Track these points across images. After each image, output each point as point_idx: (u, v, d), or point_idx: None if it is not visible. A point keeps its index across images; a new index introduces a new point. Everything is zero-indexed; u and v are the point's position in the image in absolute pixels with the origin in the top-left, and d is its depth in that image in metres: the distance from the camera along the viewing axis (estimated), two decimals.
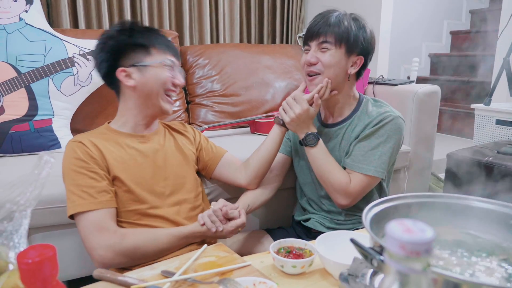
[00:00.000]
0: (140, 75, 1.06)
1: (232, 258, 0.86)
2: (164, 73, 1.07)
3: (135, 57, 1.06)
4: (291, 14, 2.80)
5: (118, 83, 1.08)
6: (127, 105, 1.10)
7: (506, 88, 2.00)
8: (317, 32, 1.14)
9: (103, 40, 1.08)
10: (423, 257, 0.29)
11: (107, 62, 1.07)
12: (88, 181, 0.98)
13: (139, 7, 2.36)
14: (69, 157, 1.00)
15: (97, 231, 0.96)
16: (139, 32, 1.08)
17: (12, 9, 1.70)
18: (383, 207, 0.67)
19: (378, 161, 1.13)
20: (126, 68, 1.05)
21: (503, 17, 2.12)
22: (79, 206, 0.97)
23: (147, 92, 1.07)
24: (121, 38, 1.06)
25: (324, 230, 1.23)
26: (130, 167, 1.04)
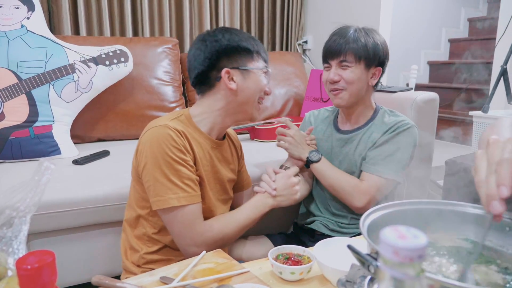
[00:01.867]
0: (242, 79, 1.05)
1: (231, 264, 0.86)
2: (263, 80, 1.08)
3: (240, 60, 1.05)
4: (290, 22, 2.82)
5: (213, 82, 1.05)
6: (216, 105, 1.06)
7: (504, 95, 2.01)
8: (337, 51, 1.18)
9: (207, 39, 1.05)
10: (417, 263, 0.29)
11: (210, 60, 1.03)
12: (188, 173, 0.97)
13: (140, 14, 2.38)
14: (168, 144, 0.95)
15: (191, 226, 0.97)
16: (244, 36, 1.07)
17: (14, 16, 1.71)
18: (381, 214, 0.67)
19: (397, 165, 1.18)
20: (230, 69, 1.04)
21: (501, 25, 2.13)
22: (183, 199, 0.95)
23: (245, 97, 1.06)
24: (231, 38, 1.04)
25: (328, 232, 1.27)
26: (206, 171, 1.06)
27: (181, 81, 2.18)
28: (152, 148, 0.95)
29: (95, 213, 1.30)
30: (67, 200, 1.27)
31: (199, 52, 1.04)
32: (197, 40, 1.07)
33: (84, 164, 1.56)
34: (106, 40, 2.04)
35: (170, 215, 0.97)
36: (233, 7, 2.64)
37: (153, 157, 0.95)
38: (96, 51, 1.82)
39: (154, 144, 0.95)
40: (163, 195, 0.95)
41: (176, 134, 0.96)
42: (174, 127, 0.97)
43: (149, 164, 0.95)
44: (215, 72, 1.04)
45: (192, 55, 1.07)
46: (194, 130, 1.04)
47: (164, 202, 0.95)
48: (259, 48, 1.08)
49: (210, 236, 0.99)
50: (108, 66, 1.81)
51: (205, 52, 1.04)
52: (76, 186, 1.34)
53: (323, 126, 1.35)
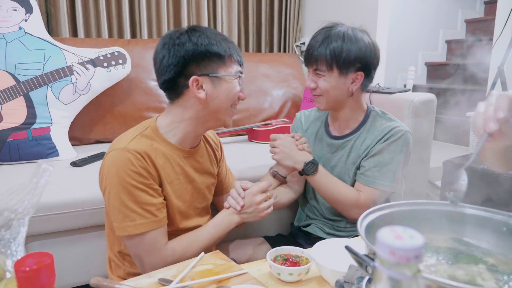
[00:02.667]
0: (212, 87, 0.96)
1: (229, 266, 0.86)
2: (236, 87, 0.99)
3: (209, 66, 0.95)
4: (288, 23, 2.83)
5: (181, 90, 0.97)
6: (185, 114, 0.99)
7: None
8: (310, 58, 1.15)
9: (175, 43, 0.95)
10: (413, 263, 0.29)
11: (176, 67, 0.94)
12: (148, 198, 0.92)
13: (138, 15, 2.38)
14: (126, 170, 0.89)
15: (152, 252, 0.94)
16: (216, 38, 0.97)
17: (11, 18, 1.71)
18: (379, 215, 0.68)
19: (392, 176, 1.16)
20: (198, 77, 0.95)
21: (497, 26, 2.14)
22: (142, 226, 0.91)
23: (216, 106, 0.98)
24: (199, 42, 0.94)
25: (324, 235, 1.25)
26: (175, 187, 1.00)
27: None
28: (111, 174, 0.90)
29: (93, 215, 1.30)
30: (65, 202, 1.27)
31: (163, 57, 0.96)
32: (160, 44, 0.97)
33: (82, 166, 1.56)
34: (104, 42, 2.04)
35: (129, 242, 0.94)
36: (231, 9, 2.64)
37: (111, 184, 0.90)
38: (94, 53, 1.82)
39: (112, 170, 0.90)
40: (121, 222, 0.91)
41: (135, 157, 0.90)
42: (134, 149, 0.90)
43: (108, 190, 0.91)
44: (183, 79, 0.96)
45: (158, 59, 0.97)
46: (162, 143, 0.97)
47: (122, 230, 0.92)
48: (231, 51, 0.98)
49: (171, 260, 0.94)
50: (106, 68, 1.81)
51: (171, 57, 0.94)
52: (74, 188, 1.33)
53: (314, 128, 1.32)
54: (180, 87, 0.97)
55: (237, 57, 1.00)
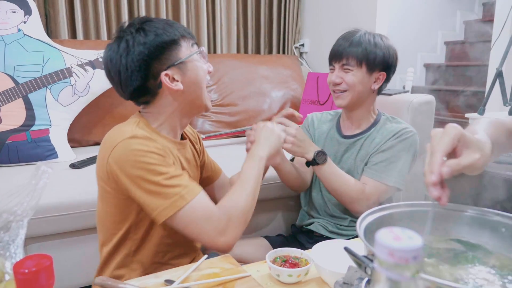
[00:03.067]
0: (181, 75, 0.93)
1: (237, 270, 0.86)
2: (202, 64, 0.97)
3: (170, 56, 0.92)
4: (287, 25, 2.83)
5: (155, 91, 0.94)
6: (166, 111, 0.96)
7: (499, 97, 2.02)
8: (340, 54, 1.22)
9: (124, 50, 0.91)
10: (412, 264, 0.30)
11: (140, 72, 0.90)
12: (175, 171, 0.88)
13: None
14: (143, 153, 0.85)
15: (208, 217, 0.88)
16: (159, 27, 0.92)
17: (10, 20, 1.71)
18: (378, 216, 0.68)
19: (399, 173, 1.18)
20: (167, 71, 0.92)
21: (496, 28, 2.15)
22: (188, 194, 0.87)
23: (194, 91, 0.96)
24: (148, 39, 0.90)
25: (326, 233, 1.27)
26: None
27: None
28: (129, 165, 0.85)
29: (92, 217, 1.29)
30: (65, 204, 1.27)
31: (121, 69, 0.91)
32: (108, 56, 0.93)
33: (82, 168, 1.56)
34: (103, 43, 2.04)
35: (182, 218, 0.87)
36: (230, 11, 2.64)
37: (135, 174, 0.85)
38: (93, 55, 1.82)
39: (129, 161, 0.85)
40: (166, 200, 0.86)
41: (145, 140, 0.87)
42: (142, 135, 0.88)
43: (134, 182, 0.86)
44: (152, 81, 0.92)
45: (114, 73, 0.93)
46: (158, 136, 0.95)
47: (171, 208, 0.86)
48: (181, 31, 0.94)
49: (228, 217, 0.89)
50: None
51: (130, 65, 0.90)
52: (73, 190, 1.33)
53: (326, 128, 1.36)
54: (152, 89, 0.94)
55: (189, 35, 0.96)
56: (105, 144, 0.91)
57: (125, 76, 0.91)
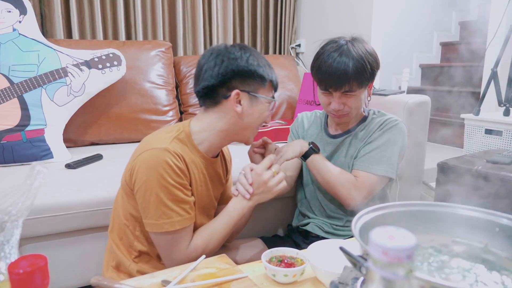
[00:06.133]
0: (249, 104, 1.02)
1: (233, 270, 0.86)
2: (267, 110, 1.06)
3: (252, 85, 1.02)
4: (284, 25, 2.84)
5: (220, 99, 1.02)
6: (217, 124, 1.03)
7: (494, 98, 2.03)
8: (340, 81, 1.13)
9: (225, 55, 1.00)
10: (405, 263, 0.30)
11: (223, 77, 0.99)
12: (184, 197, 0.96)
13: (133, 17, 2.38)
14: (166, 168, 0.93)
15: (179, 249, 0.98)
16: (263, 61, 1.04)
17: (5, 19, 1.70)
18: (373, 216, 0.68)
19: (387, 162, 1.18)
20: (240, 91, 1.00)
21: (491, 29, 2.16)
22: (178, 223, 0.95)
23: (247, 123, 1.04)
24: (250, 62, 1.00)
25: (322, 234, 1.27)
26: (198, 191, 1.04)
27: (175, 85, 2.18)
28: (149, 171, 0.93)
29: (87, 217, 1.29)
30: (60, 204, 1.26)
31: (214, 66, 1.00)
32: (213, 53, 1.02)
33: (77, 168, 1.55)
34: (99, 43, 2.03)
35: (161, 238, 0.97)
36: (226, 11, 2.64)
37: (149, 180, 0.93)
38: (89, 55, 1.81)
39: (151, 167, 0.93)
40: (158, 219, 0.94)
41: (175, 157, 0.94)
42: (174, 151, 0.95)
43: (144, 187, 0.94)
44: (224, 90, 1.01)
45: (205, 66, 1.02)
46: (192, 149, 1.02)
47: (159, 227, 0.95)
48: (273, 77, 1.06)
49: (195, 256, 0.96)
50: (101, 69, 1.81)
51: (221, 68, 0.99)
52: (68, 190, 1.33)
53: (315, 130, 1.36)
54: (219, 96, 1.01)
55: (275, 83, 1.07)
56: (143, 144, 1.00)
57: (213, 72, 1.00)
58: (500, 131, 1.96)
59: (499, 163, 1.56)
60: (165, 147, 0.94)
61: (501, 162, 1.56)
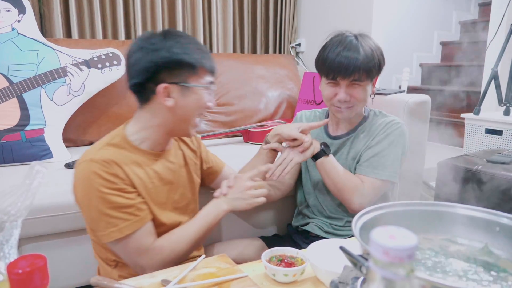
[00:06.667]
0: (180, 96, 0.95)
1: (232, 270, 0.86)
2: (204, 98, 0.99)
3: (180, 75, 0.95)
4: (284, 24, 2.83)
5: (150, 96, 0.97)
6: (153, 120, 0.99)
7: (495, 97, 2.03)
8: (350, 70, 1.12)
9: (151, 48, 0.94)
10: (406, 263, 0.29)
11: (147, 73, 0.94)
12: (125, 201, 0.92)
13: (133, 16, 2.37)
14: (96, 179, 0.90)
15: (140, 252, 0.94)
16: (190, 46, 0.96)
17: (4, 19, 1.70)
18: (374, 215, 0.68)
19: (391, 166, 1.17)
20: (168, 84, 0.94)
21: (491, 28, 2.16)
22: (125, 228, 0.92)
23: (183, 116, 0.98)
24: (173, 51, 0.93)
25: (322, 234, 1.26)
26: (150, 190, 1.00)
27: None
28: (82, 186, 0.92)
29: None
30: (59, 204, 1.26)
31: (137, 60, 0.94)
32: (136, 45, 0.96)
33: None
34: (98, 43, 2.03)
35: (117, 247, 0.95)
36: (226, 10, 2.64)
37: (85, 195, 0.92)
38: (88, 54, 1.81)
39: (83, 182, 0.91)
40: (105, 229, 0.92)
41: (102, 165, 0.90)
42: (101, 159, 0.91)
43: (83, 202, 0.93)
44: (152, 85, 0.95)
45: (131, 61, 0.96)
46: (132, 150, 0.98)
47: (108, 237, 0.92)
48: (204, 61, 0.97)
49: (161, 258, 0.95)
50: (100, 69, 1.81)
51: (142, 62, 0.93)
52: (68, 190, 1.31)
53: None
54: (148, 92, 0.96)
55: (210, 67, 0.99)
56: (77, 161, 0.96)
57: (137, 67, 0.95)
58: (500, 130, 1.96)
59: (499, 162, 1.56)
60: (90, 158, 0.92)
61: (501, 161, 1.56)
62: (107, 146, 0.96)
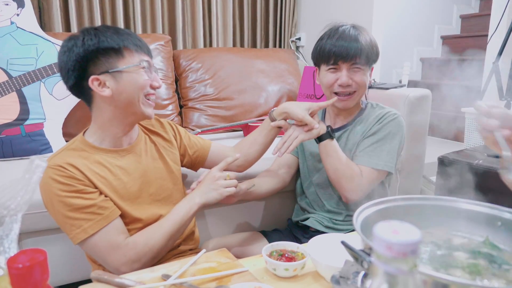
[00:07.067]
0: (115, 83, 0.95)
1: (233, 264, 0.86)
2: (141, 76, 0.97)
3: (107, 63, 0.94)
4: (284, 19, 2.82)
5: (89, 93, 0.97)
6: (103, 117, 0.99)
7: (495, 92, 2.02)
8: (348, 52, 1.14)
9: (68, 48, 0.95)
10: (410, 258, 0.29)
11: (74, 72, 0.94)
12: (85, 202, 0.92)
13: (132, 10, 2.36)
14: (52, 185, 0.91)
15: (112, 251, 0.93)
16: (106, 33, 0.95)
17: (3, 12, 1.69)
18: (375, 210, 0.68)
19: (387, 156, 1.17)
20: (98, 76, 0.94)
21: (493, 22, 2.15)
22: (89, 228, 0.92)
23: (126, 100, 0.96)
24: (88, 43, 0.93)
25: (322, 229, 1.26)
26: (116, 188, 0.99)
27: (174, 78, 2.17)
28: (43, 193, 0.93)
29: None
30: None
31: (62, 63, 0.96)
32: (59, 50, 0.97)
33: None
34: None
35: (87, 247, 0.94)
36: (226, 4, 2.62)
37: (47, 201, 0.93)
38: None
39: (42, 189, 0.93)
40: (70, 232, 0.92)
41: (57, 170, 0.91)
42: (55, 164, 0.92)
43: (48, 209, 0.94)
44: (85, 82, 0.94)
45: (58, 66, 0.98)
46: (92, 151, 0.98)
47: (75, 239, 0.92)
48: (126, 42, 0.95)
49: (135, 253, 0.94)
50: None
51: (67, 63, 0.94)
52: None
53: None
54: (86, 90, 0.96)
55: (136, 47, 0.97)
56: None
57: (64, 72, 0.97)
58: None
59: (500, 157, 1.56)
60: (48, 164, 0.90)
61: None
62: (65, 151, 0.98)
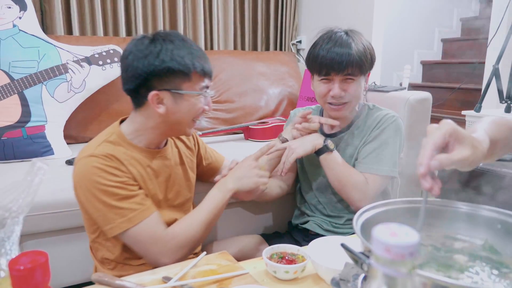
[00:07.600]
0: (173, 103, 0.95)
1: (234, 267, 0.86)
2: (199, 103, 0.98)
3: (172, 82, 0.94)
4: (285, 21, 2.83)
5: (143, 101, 0.96)
6: (146, 123, 0.99)
7: (496, 94, 2.02)
8: (342, 64, 1.11)
9: (144, 55, 0.92)
10: (408, 260, 0.29)
11: (138, 79, 0.93)
12: (129, 193, 0.93)
13: (134, 13, 2.37)
14: (98, 173, 0.90)
15: (153, 240, 0.94)
16: (181, 52, 0.93)
17: (5, 15, 1.70)
18: (374, 212, 0.68)
19: (390, 160, 1.17)
20: (159, 92, 0.93)
21: (493, 25, 2.15)
22: (134, 218, 0.92)
23: (176, 120, 0.98)
24: (163, 58, 0.91)
25: (322, 232, 1.26)
26: (148, 187, 1.00)
27: None
28: (85, 182, 0.91)
29: None
30: (60, 200, 1.26)
31: (127, 67, 0.95)
32: (127, 50, 0.95)
33: None
34: (99, 39, 2.03)
35: (128, 238, 0.94)
36: (227, 7, 2.63)
37: (89, 191, 0.91)
38: (89, 51, 1.81)
39: (85, 178, 0.91)
40: (113, 221, 0.92)
41: (103, 159, 0.91)
42: (101, 153, 0.92)
43: (88, 198, 0.92)
44: (144, 91, 0.94)
45: (123, 66, 0.97)
46: (129, 148, 0.98)
47: (117, 229, 0.92)
48: (197, 65, 0.94)
49: (175, 243, 0.95)
50: (101, 66, 1.81)
51: (133, 68, 0.93)
52: (69, 186, 1.31)
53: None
54: (141, 97, 0.96)
55: (203, 71, 0.97)
56: (76, 157, 0.96)
57: (128, 74, 0.95)
58: None
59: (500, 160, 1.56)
60: (90, 153, 0.92)
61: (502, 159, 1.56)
62: (105, 143, 0.96)
